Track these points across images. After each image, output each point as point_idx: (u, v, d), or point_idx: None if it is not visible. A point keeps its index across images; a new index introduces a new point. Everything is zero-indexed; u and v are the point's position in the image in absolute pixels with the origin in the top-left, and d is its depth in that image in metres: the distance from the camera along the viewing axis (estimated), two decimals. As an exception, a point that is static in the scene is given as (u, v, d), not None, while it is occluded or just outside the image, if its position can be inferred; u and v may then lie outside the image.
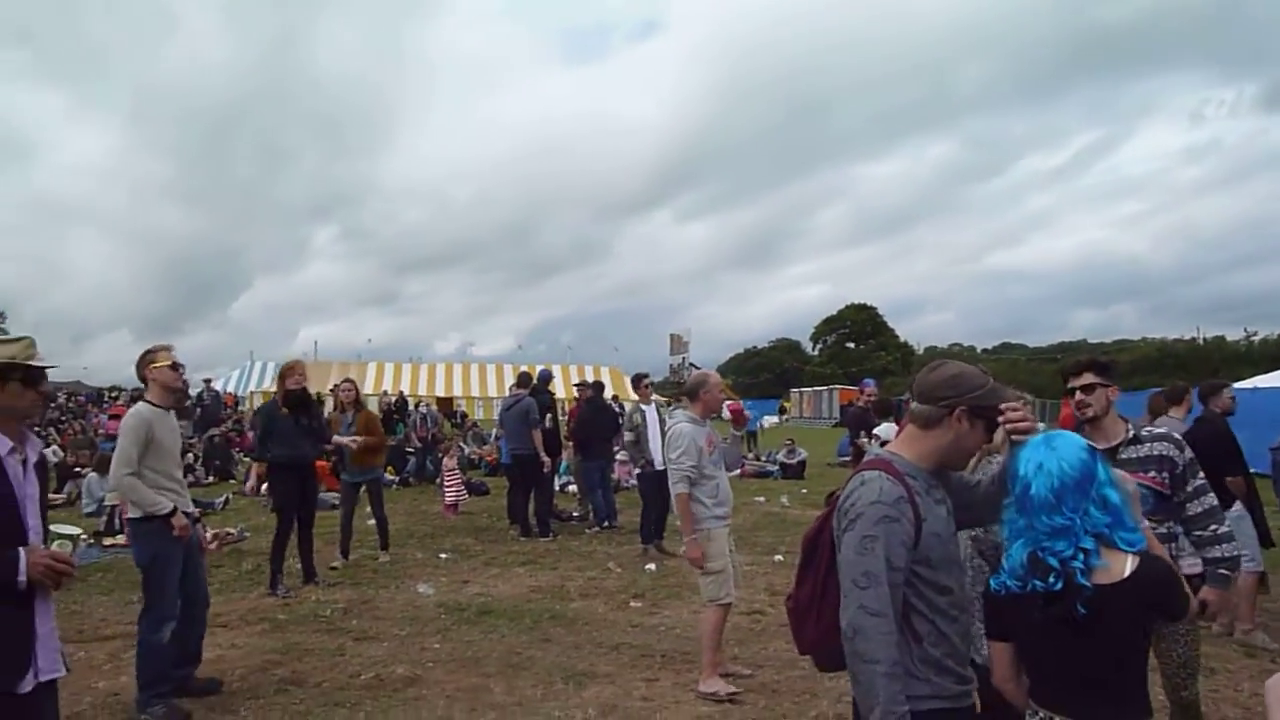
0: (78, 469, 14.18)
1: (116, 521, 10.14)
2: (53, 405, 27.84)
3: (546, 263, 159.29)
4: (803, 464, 19.01)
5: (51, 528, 2.69)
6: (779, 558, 9.01)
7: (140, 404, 5.08)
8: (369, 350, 43.75)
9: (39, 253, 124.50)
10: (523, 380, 11.54)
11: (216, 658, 5.64)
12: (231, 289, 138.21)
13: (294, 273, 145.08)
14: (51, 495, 13.27)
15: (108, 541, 9.80)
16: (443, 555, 9.30)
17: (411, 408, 22.17)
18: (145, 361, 5.05)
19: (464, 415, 31.11)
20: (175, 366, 5.09)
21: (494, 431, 23.91)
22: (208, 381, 25.08)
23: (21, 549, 2.61)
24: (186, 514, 4.99)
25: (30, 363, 2.77)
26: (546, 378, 11.98)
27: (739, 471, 16.58)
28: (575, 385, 14.23)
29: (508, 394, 11.93)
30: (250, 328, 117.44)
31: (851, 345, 77.45)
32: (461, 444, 18.19)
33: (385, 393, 25.06)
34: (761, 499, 14.20)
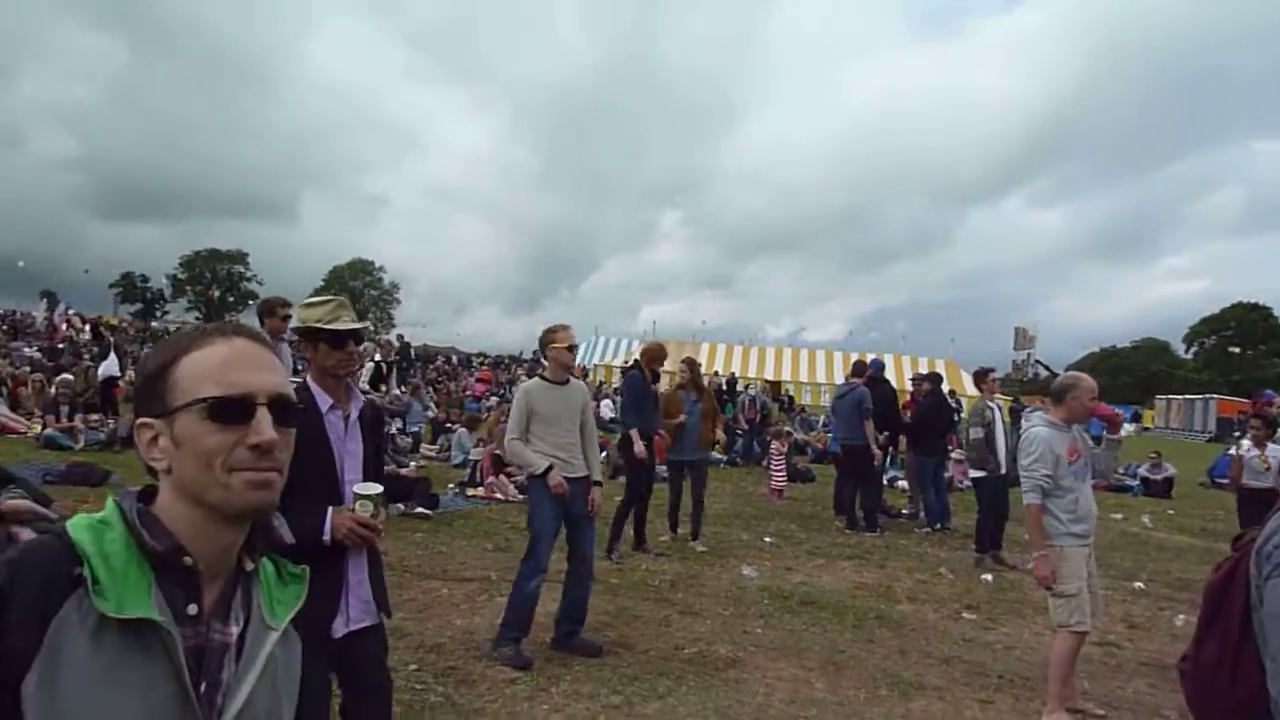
0: (448, 425, 16.01)
1: (478, 474, 11.30)
2: (431, 366, 31.81)
3: (882, 249, 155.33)
4: (1170, 481, 16.79)
5: (354, 488, 2.75)
6: (1139, 585, 8.01)
7: (532, 379, 5.54)
8: (703, 331, 45.34)
9: (431, 233, 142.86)
10: (857, 369, 11.21)
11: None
12: (584, 269, 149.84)
13: (639, 255, 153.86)
14: (425, 447, 15.16)
15: (470, 492, 10.95)
16: (767, 539, 9.32)
17: (741, 389, 22.59)
18: (546, 339, 5.41)
19: (791, 399, 31.15)
20: (571, 348, 5.45)
21: (821, 418, 23.83)
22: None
23: (330, 509, 2.73)
24: (571, 478, 5.24)
25: (328, 326, 2.91)
26: (879, 367, 11.56)
27: (1097, 483, 14.97)
28: (911, 379, 13.58)
29: (839, 381, 11.67)
30: (598, 305, 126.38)
31: (1236, 350, 67.43)
32: (789, 429, 18.17)
33: (716, 373, 25.72)
34: (1119, 516, 12.74)
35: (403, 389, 16.70)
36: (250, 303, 71.86)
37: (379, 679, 3.00)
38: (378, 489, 2.74)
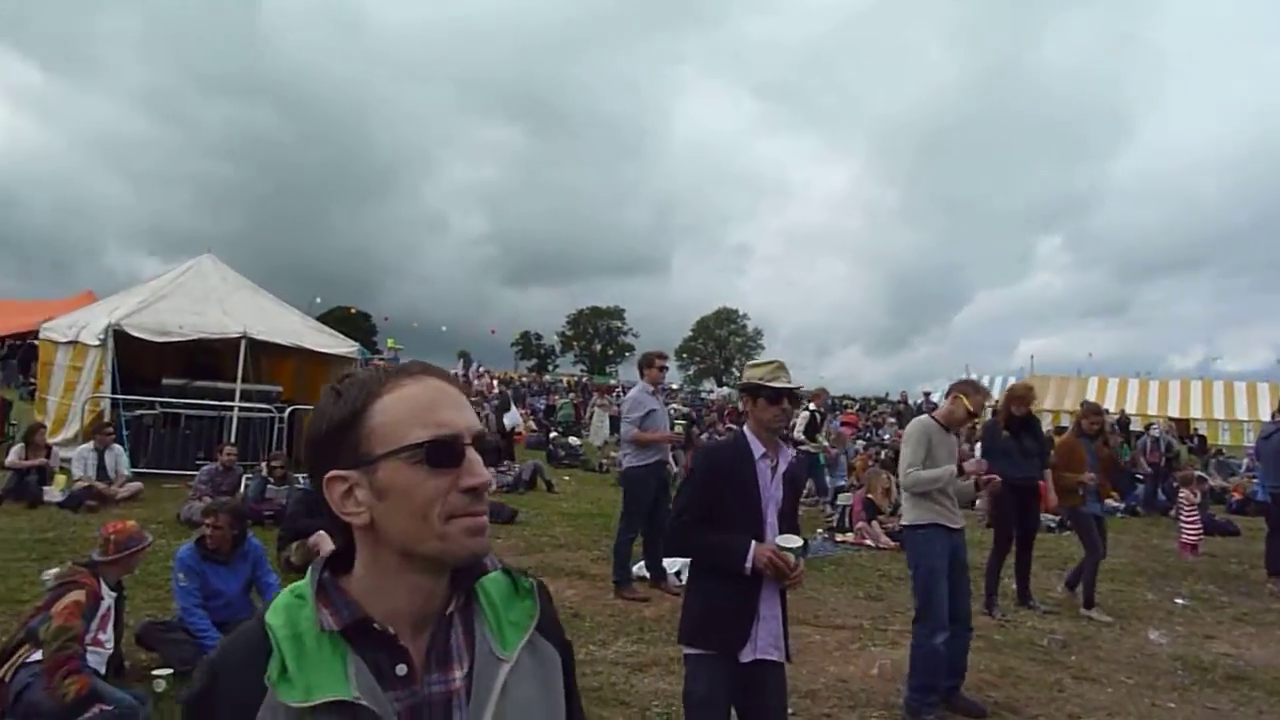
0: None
1: (847, 520, 11.21)
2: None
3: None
4: None
5: (778, 540, 3.08)
6: None
7: (924, 417, 5.50)
8: (1090, 364, 41.23)
9: (792, 277, 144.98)
10: (1287, 405, 9.60)
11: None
12: (952, 303, 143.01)
13: (1014, 285, 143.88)
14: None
15: (839, 538, 10.87)
16: (1178, 600, 8.22)
17: (1141, 429, 20.19)
18: (955, 391, 5.39)
19: (1203, 440, 27.23)
20: (979, 404, 5.37)
21: (1244, 462, 20.49)
22: (926, 394, 26.39)
23: (754, 541, 3.11)
24: (952, 529, 5.14)
25: (769, 384, 3.31)
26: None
27: None
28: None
29: (1265, 418, 10.04)
30: (969, 340, 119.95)
31: None
32: (1202, 474, 15.91)
33: (1106, 411, 23.23)
34: None
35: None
36: (627, 355, 77.69)
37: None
38: (799, 542, 3.07)
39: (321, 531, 7.69)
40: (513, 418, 18.35)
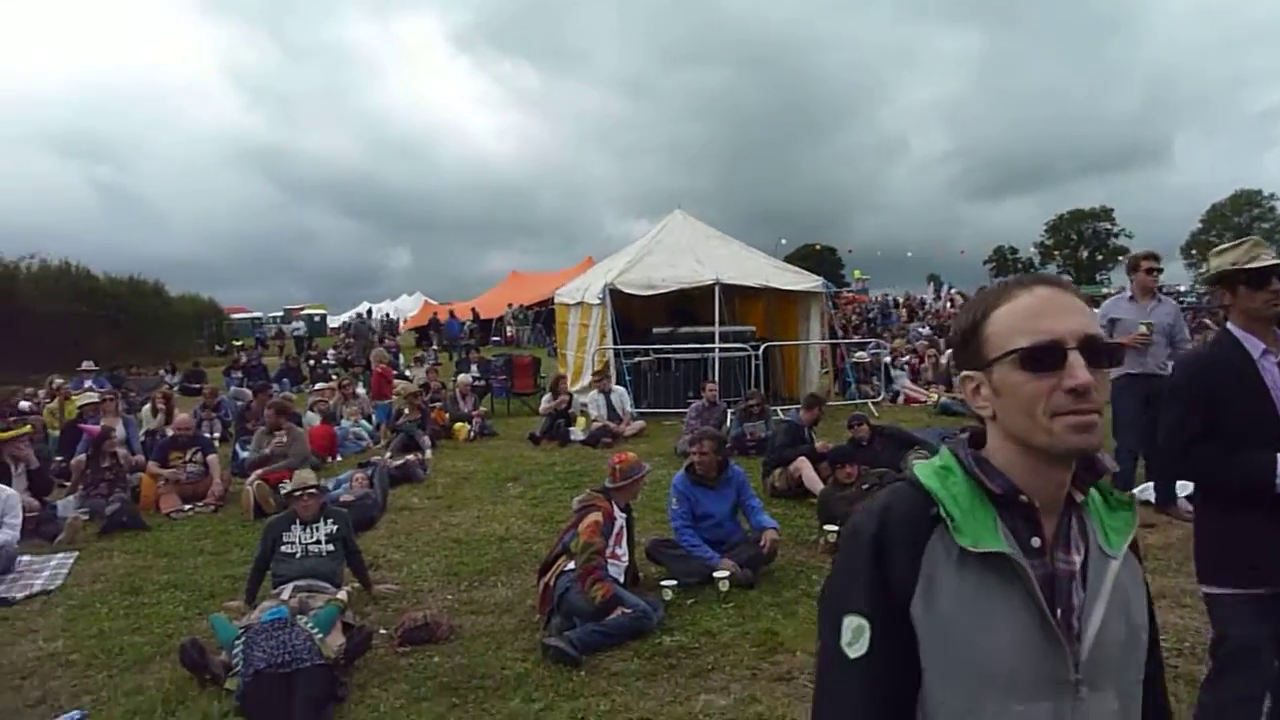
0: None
1: None
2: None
3: None
4: None
5: None
6: None
7: None
8: None
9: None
10: None
11: None
12: None
13: None
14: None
15: None
16: None
17: None
18: None
19: None
20: None
21: None
22: None
23: (1278, 454, 2.55)
24: None
25: (1248, 266, 2.79)
26: None
27: None
28: None
29: None
30: None
31: None
32: None
33: None
34: None
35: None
36: (1119, 258, 69.24)
37: None
38: None
39: (803, 458, 8.06)
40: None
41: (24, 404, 14.11)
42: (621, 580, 5.18)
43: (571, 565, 4.99)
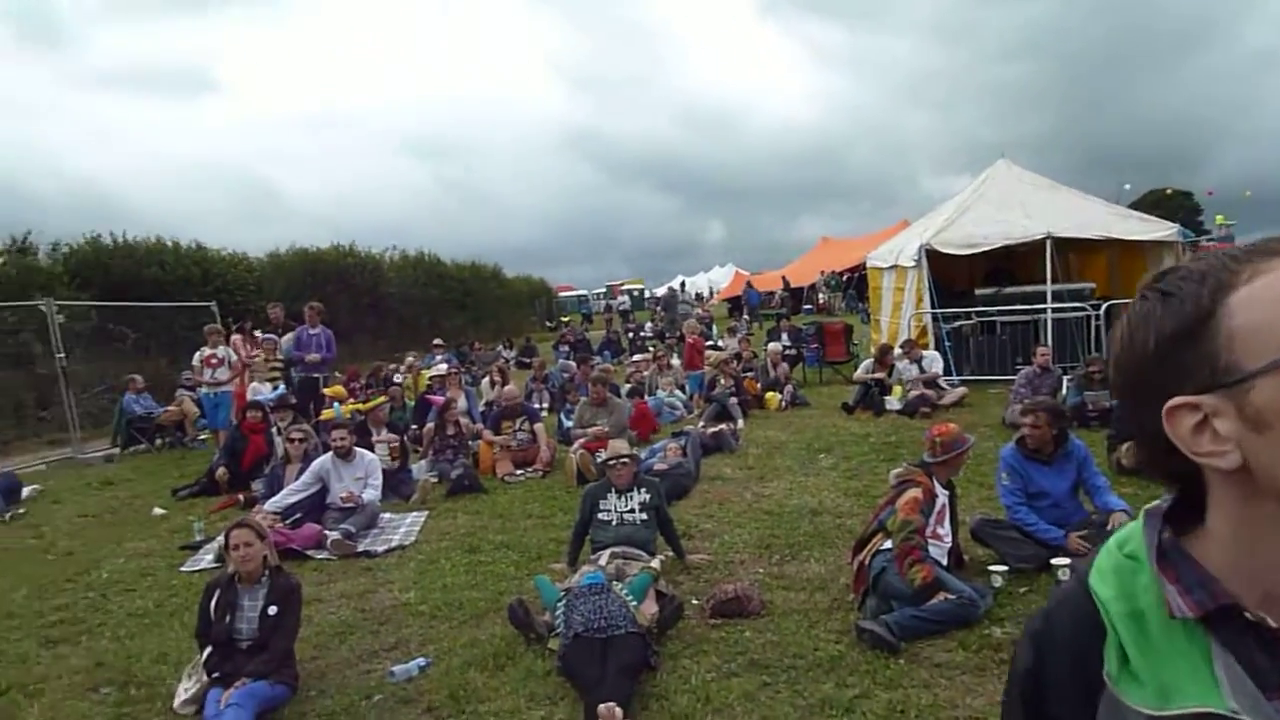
0: None
1: None
2: None
3: None
4: None
5: None
6: None
7: None
8: None
9: None
10: None
11: None
12: None
13: None
14: None
15: None
16: None
17: None
18: None
19: None
20: None
21: None
22: None
23: None
24: None
25: None
26: None
27: None
28: None
29: None
30: None
31: None
32: None
33: None
34: None
35: None
36: None
37: None
38: None
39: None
40: None
41: (398, 377, 16.00)
42: (944, 563, 4.77)
43: (889, 544, 4.67)
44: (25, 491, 9.87)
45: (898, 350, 12.04)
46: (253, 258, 25.48)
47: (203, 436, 13.20)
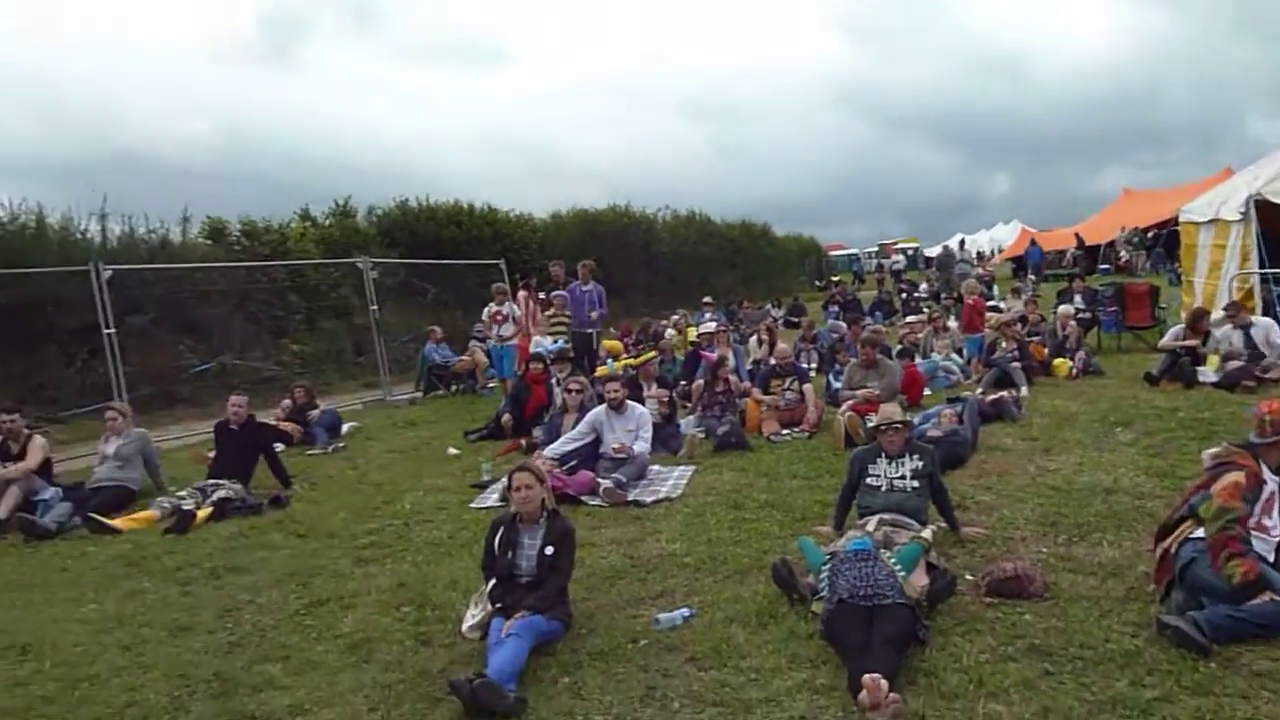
0: None
1: None
2: None
3: None
4: None
5: None
6: None
7: None
8: None
9: None
10: None
11: None
12: None
13: None
14: None
15: None
16: None
17: None
18: None
19: None
20: None
21: None
22: None
23: None
24: None
25: None
26: None
27: None
28: None
29: None
30: None
31: None
32: None
33: None
34: None
35: None
36: None
37: None
38: None
39: None
40: None
41: (670, 331, 16.48)
42: (1270, 559, 4.16)
43: (1200, 532, 4.14)
44: (345, 428, 11.23)
45: (1217, 315, 10.65)
46: (537, 218, 27.14)
47: (491, 384, 14.29)
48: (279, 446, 9.16)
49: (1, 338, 12.83)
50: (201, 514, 7.14)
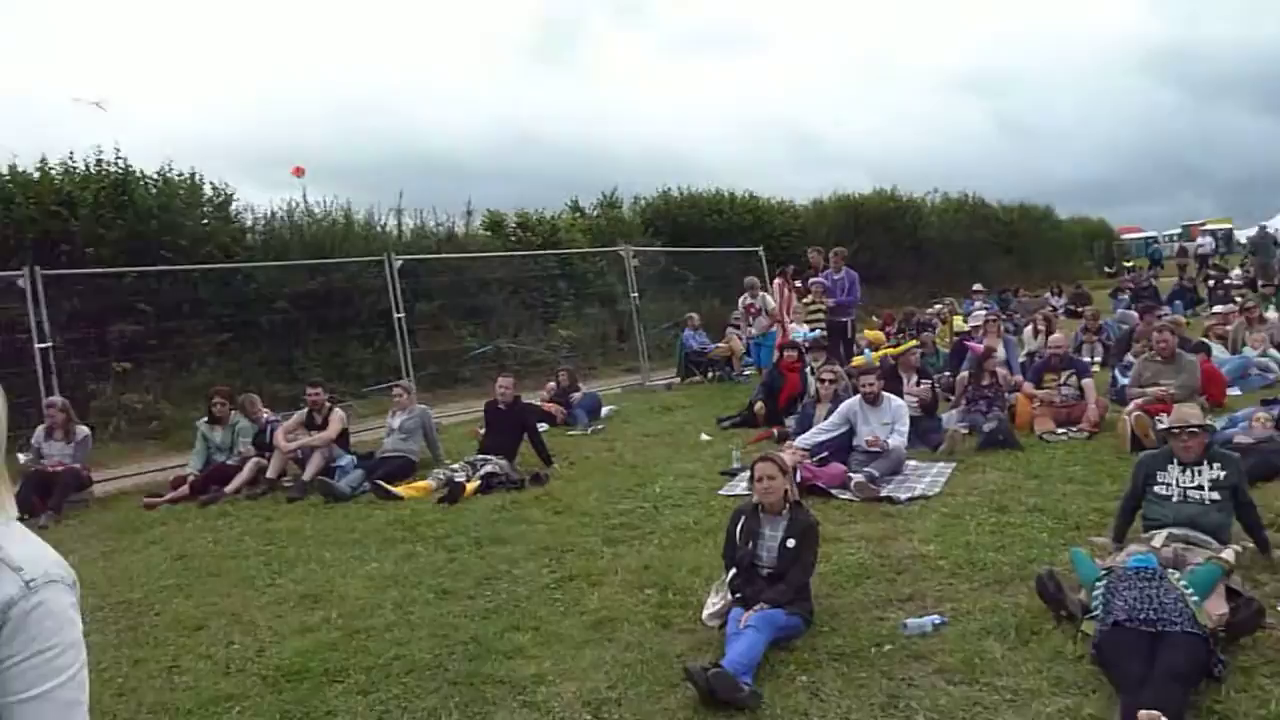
0: None
1: None
2: None
3: None
4: None
5: None
6: None
7: None
8: None
9: None
10: None
11: None
12: None
13: None
14: None
15: None
16: None
17: None
18: None
19: None
20: None
21: None
22: None
23: None
24: None
25: None
26: None
27: None
28: None
29: None
30: None
31: None
32: None
33: None
34: None
35: None
36: None
37: None
38: None
39: None
40: None
41: (935, 320, 15.71)
42: None
43: None
44: (604, 410, 11.65)
45: None
46: (799, 205, 26.78)
47: (748, 372, 14.29)
48: (543, 426, 9.66)
49: (314, 320, 14.49)
50: (470, 486, 7.66)
